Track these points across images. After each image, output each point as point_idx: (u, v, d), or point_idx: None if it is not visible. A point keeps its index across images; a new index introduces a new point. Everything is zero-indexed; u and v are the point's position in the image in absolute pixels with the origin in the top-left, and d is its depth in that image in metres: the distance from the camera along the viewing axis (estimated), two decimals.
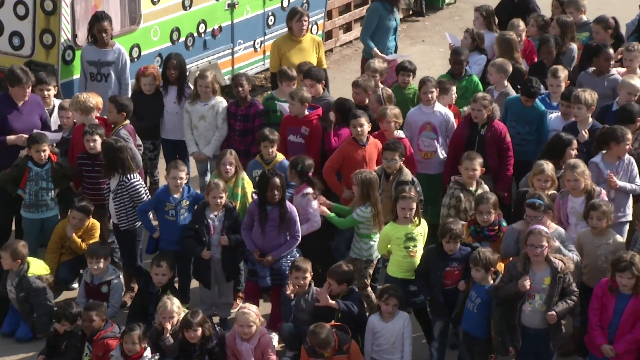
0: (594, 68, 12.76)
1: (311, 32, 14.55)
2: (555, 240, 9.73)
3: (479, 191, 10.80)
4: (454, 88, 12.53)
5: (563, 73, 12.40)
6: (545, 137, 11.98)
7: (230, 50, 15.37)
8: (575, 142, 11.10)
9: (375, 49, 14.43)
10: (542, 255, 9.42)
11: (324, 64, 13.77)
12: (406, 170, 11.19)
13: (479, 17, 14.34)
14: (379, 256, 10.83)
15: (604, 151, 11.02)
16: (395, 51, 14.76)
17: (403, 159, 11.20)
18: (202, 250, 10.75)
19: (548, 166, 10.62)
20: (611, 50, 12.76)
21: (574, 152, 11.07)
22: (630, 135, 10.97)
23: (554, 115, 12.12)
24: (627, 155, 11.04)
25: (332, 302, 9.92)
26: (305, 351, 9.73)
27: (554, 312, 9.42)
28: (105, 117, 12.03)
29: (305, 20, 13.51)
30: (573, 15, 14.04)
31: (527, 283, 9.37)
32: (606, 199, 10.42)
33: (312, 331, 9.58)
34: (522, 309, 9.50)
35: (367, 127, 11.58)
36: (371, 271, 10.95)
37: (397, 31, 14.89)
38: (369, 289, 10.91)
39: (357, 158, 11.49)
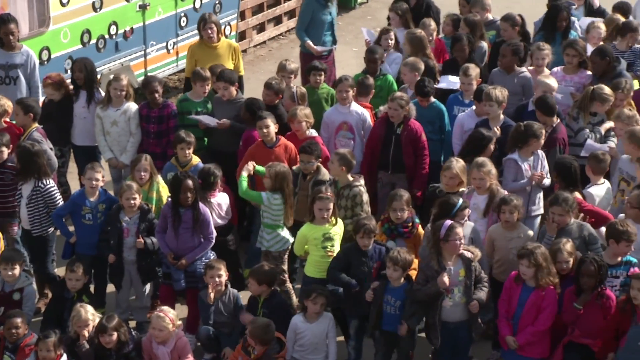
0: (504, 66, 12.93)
1: (224, 34, 14.51)
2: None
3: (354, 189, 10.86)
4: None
5: (474, 71, 12.55)
6: (446, 136, 12.16)
7: (142, 52, 15.24)
8: (494, 139, 11.22)
9: (309, 41, 14.52)
10: (461, 247, 9.54)
11: (241, 71, 13.70)
12: (324, 170, 11.21)
13: (394, 17, 14.44)
14: (286, 249, 10.85)
15: (520, 147, 11.18)
16: (332, 45, 14.76)
17: (320, 160, 11.22)
18: (110, 253, 10.71)
19: (457, 164, 10.74)
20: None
21: (490, 148, 11.19)
22: (543, 130, 11.15)
23: (463, 114, 12.26)
24: (538, 150, 11.23)
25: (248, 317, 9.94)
26: (241, 344, 9.74)
27: (476, 302, 9.54)
28: (14, 121, 11.84)
29: (212, 28, 13.37)
30: (480, 14, 14.21)
31: (446, 279, 9.46)
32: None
33: (257, 323, 9.58)
34: (443, 305, 9.58)
35: (273, 128, 11.57)
36: (285, 267, 10.96)
37: (334, 26, 14.89)
38: (288, 284, 10.95)
39: (265, 160, 11.40)
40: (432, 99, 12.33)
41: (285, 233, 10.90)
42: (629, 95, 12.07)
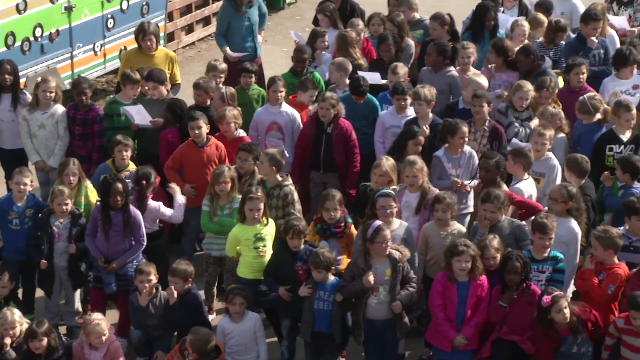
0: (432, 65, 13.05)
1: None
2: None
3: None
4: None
5: (402, 70, 12.65)
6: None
7: (69, 55, 15.07)
8: (421, 139, 11.28)
9: (227, 47, 14.44)
10: (387, 249, 9.57)
11: (178, 80, 13.60)
12: (258, 175, 11.19)
13: (323, 18, 14.47)
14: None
15: (446, 145, 11.28)
16: (255, 52, 14.70)
17: (257, 162, 11.21)
18: (41, 259, 10.56)
19: (387, 162, 10.81)
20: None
21: (419, 147, 11.24)
22: (465, 128, 11.23)
23: (385, 112, 12.36)
24: (468, 148, 11.33)
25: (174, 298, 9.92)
26: (178, 345, 9.69)
27: (398, 302, 9.59)
28: None
29: (152, 39, 13.22)
30: (406, 14, 14.29)
31: (372, 278, 9.49)
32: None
33: (198, 335, 9.53)
34: (368, 302, 9.62)
35: (205, 129, 11.55)
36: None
37: (255, 32, 14.77)
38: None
39: (195, 160, 11.45)
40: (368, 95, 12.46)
41: None
42: (553, 93, 12.24)
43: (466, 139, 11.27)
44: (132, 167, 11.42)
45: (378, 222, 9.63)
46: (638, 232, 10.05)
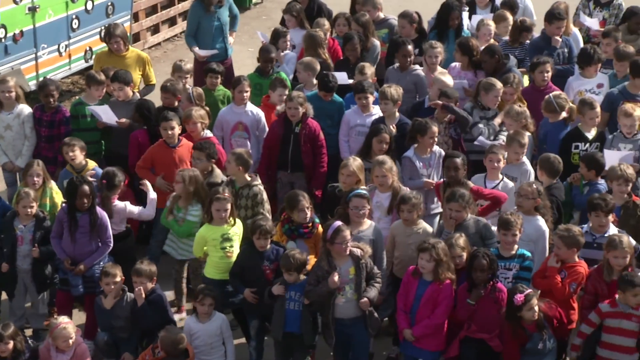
0: (399, 64, 13.07)
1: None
2: None
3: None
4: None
5: (370, 70, 12.68)
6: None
7: (33, 55, 14.98)
8: (386, 136, 11.29)
9: (196, 47, 14.39)
10: (347, 249, 9.58)
11: (152, 80, 13.56)
12: (217, 171, 11.20)
13: (290, 19, 14.46)
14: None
15: (415, 145, 11.32)
16: (226, 53, 14.65)
17: (213, 160, 11.19)
18: (1, 262, 10.50)
19: (354, 162, 10.81)
20: (410, 47, 13.05)
21: (384, 145, 11.25)
22: (435, 129, 11.27)
23: (349, 110, 12.36)
24: (437, 148, 11.37)
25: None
26: (151, 345, 9.67)
27: (366, 299, 9.60)
28: None
29: (118, 42, 13.15)
30: (370, 13, 14.31)
31: (337, 279, 9.51)
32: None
33: (169, 335, 9.50)
34: (336, 302, 9.62)
35: (177, 129, 11.55)
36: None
37: (225, 33, 14.73)
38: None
39: (167, 160, 11.46)
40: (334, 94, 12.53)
41: None
42: (518, 89, 12.30)
43: (436, 139, 11.32)
44: (91, 165, 11.37)
45: (338, 223, 9.63)
46: (599, 228, 10.13)
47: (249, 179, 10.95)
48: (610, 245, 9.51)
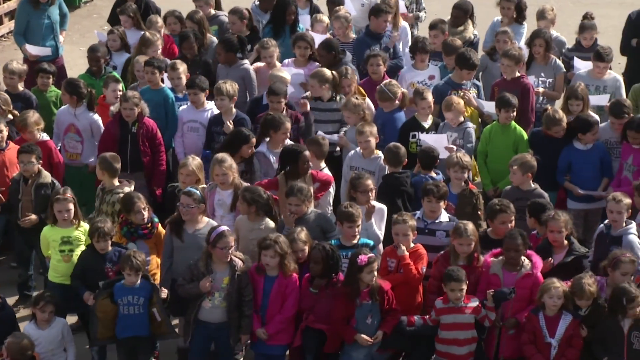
0: (225, 59, 12.99)
1: None
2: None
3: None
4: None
5: (182, 66, 12.59)
6: (171, 125, 12.23)
7: None
8: (253, 139, 11.21)
9: (27, 44, 14.09)
10: (228, 256, 9.51)
11: None
12: (45, 173, 11.02)
13: (127, 19, 14.25)
14: None
15: (267, 140, 11.36)
16: (57, 52, 14.36)
17: (41, 161, 11.00)
18: None
19: (193, 161, 10.78)
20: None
21: (251, 148, 11.19)
22: (288, 124, 11.32)
23: (184, 107, 12.33)
24: (288, 142, 11.40)
25: None
26: None
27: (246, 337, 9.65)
28: None
29: None
30: (203, 9, 14.28)
31: (208, 285, 9.46)
32: None
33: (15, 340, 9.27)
34: (202, 305, 9.56)
35: (5, 132, 11.32)
36: None
37: (56, 31, 14.44)
38: None
39: None
40: (162, 85, 12.51)
41: None
42: (353, 80, 12.41)
43: (288, 134, 11.34)
44: None
45: (223, 228, 9.58)
46: (431, 214, 10.32)
47: (116, 184, 10.75)
48: (456, 233, 9.70)
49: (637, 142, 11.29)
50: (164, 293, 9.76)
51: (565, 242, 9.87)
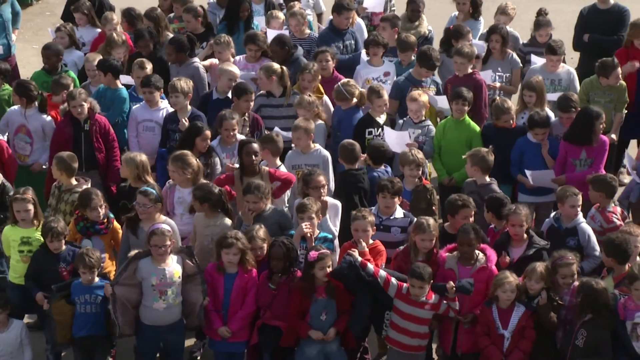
0: (175, 58, 12.99)
1: None
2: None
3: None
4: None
5: (149, 65, 12.58)
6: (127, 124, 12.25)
7: None
8: (207, 132, 11.19)
9: None
10: (162, 253, 9.46)
11: None
12: None
13: (82, 17, 14.21)
14: None
15: (219, 136, 11.38)
16: (9, 50, 14.19)
17: None
18: None
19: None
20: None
21: (206, 141, 11.15)
22: (236, 119, 11.34)
23: (137, 106, 12.32)
24: (240, 137, 11.38)
25: None
26: None
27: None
28: None
29: None
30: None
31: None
32: None
33: None
34: (155, 307, 9.47)
35: None
36: None
37: (8, 29, 14.35)
38: None
39: None
40: (120, 85, 12.50)
41: None
42: (317, 78, 12.40)
43: (236, 129, 11.33)
44: None
45: (157, 226, 9.53)
46: (386, 210, 10.37)
47: (74, 183, 10.68)
48: (419, 229, 9.71)
49: (541, 137, 11.45)
50: (108, 290, 9.47)
51: (525, 235, 9.97)
